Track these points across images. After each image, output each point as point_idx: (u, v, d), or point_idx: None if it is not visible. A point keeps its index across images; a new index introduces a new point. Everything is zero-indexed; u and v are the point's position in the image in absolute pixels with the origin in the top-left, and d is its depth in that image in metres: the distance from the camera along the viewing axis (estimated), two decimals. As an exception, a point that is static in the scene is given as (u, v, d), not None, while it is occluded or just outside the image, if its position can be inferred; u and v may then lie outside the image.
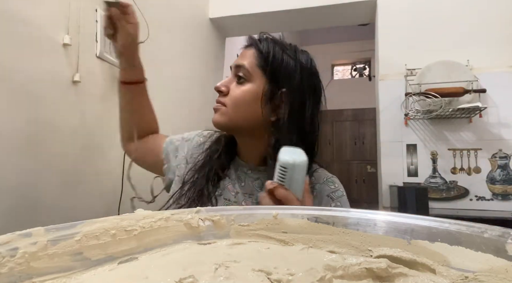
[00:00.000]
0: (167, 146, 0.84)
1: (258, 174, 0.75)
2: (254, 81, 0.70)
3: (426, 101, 1.85)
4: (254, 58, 0.71)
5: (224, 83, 0.73)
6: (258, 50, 0.71)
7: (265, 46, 0.72)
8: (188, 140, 0.84)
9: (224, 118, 0.71)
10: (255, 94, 0.69)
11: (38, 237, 0.27)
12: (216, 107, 0.72)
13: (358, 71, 5.81)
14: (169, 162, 0.82)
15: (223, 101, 0.71)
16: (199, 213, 0.36)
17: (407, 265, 0.28)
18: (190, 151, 0.82)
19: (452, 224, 0.29)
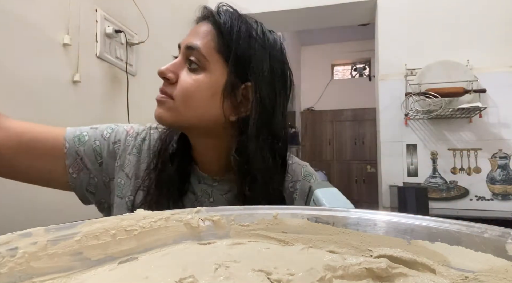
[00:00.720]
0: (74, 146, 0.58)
1: (227, 184, 0.61)
2: (211, 70, 0.55)
3: (426, 101, 1.85)
4: (213, 39, 0.55)
5: (171, 68, 0.56)
6: (217, 29, 0.55)
7: (228, 23, 0.55)
8: (117, 143, 0.61)
9: (170, 114, 0.55)
10: (213, 86, 0.55)
11: (38, 237, 0.27)
12: (160, 99, 0.56)
13: (358, 71, 5.81)
14: (85, 168, 0.59)
15: (169, 92, 0.55)
16: (199, 213, 0.36)
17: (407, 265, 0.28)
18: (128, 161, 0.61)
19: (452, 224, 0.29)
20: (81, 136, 0.59)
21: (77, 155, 0.58)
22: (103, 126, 0.63)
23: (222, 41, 0.55)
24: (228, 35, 0.55)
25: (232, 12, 0.58)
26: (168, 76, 0.56)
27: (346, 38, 5.45)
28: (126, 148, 0.62)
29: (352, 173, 5.31)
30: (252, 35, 0.56)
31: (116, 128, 0.63)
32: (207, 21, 0.57)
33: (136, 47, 1.43)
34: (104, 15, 1.26)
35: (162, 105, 0.56)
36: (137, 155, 0.62)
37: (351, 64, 5.91)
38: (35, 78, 0.99)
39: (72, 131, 0.60)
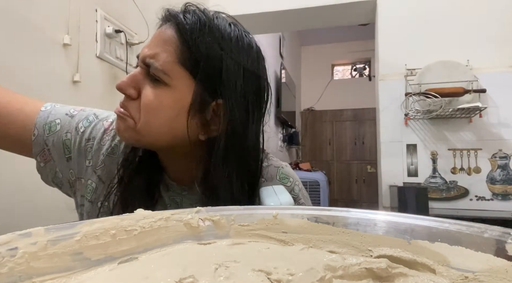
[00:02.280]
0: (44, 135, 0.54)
1: (196, 195, 0.55)
2: (175, 85, 0.48)
3: (426, 101, 1.85)
4: (175, 50, 0.47)
5: (130, 82, 0.49)
6: (181, 37, 0.47)
7: (195, 30, 0.47)
8: (90, 140, 0.56)
9: (130, 134, 0.50)
10: (178, 103, 0.48)
11: (38, 237, 0.27)
12: (119, 114, 0.50)
13: (358, 71, 5.81)
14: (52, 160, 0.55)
15: (130, 110, 0.49)
16: (199, 213, 0.36)
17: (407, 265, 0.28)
18: (101, 163, 0.56)
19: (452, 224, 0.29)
20: (52, 125, 0.53)
21: (45, 145, 0.54)
22: (81, 115, 0.57)
23: (187, 52, 0.47)
24: (194, 46, 0.47)
25: (200, 15, 0.49)
26: (128, 92, 0.49)
27: (346, 38, 5.45)
28: (100, 147, 0.55)
29: (352, 173, 5.31)
30: (224, 45, 0.48)
31: (94, 122, 0.57)
32: (170, 26, 0.49)
33: (136, 47, 1.43)
34: (104, 15, 1.26)
35: (122, 120, 0.50)
36: (112, 156, 0.56)
37: (351, 64, 5.91)
38: (35, 78, 0.99)
39: (44, 116, 0.54)
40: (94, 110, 0.60)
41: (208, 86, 0.48)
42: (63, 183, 0.57)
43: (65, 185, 0.57)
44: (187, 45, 0.47)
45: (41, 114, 0.54)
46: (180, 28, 0.47)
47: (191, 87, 0.48)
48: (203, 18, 0.48)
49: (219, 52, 0.48)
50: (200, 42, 0.47)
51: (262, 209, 0.37)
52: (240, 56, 0.49)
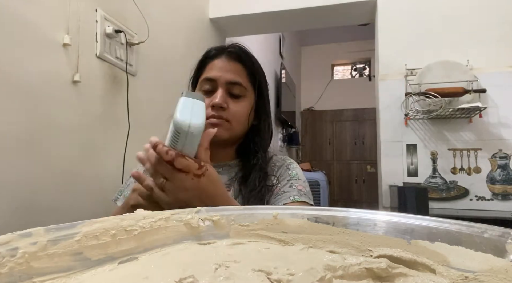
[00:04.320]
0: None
1: (229, 168, 0.82)
2: (248, 96, 0.79)
3: (426, 101, 1.85)
4: (245, 75, 0.79)
5: (223, 100, 0.76)
6: (246, 67, 0.79)
7: (249, 62, 0.80)
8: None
9: (229, 133, 0.76)
10: (249, 108, 0.80)
11: (38, 237, 0.27)
12: (218, 122, 0.75)
13: (358, 71, 5.81)
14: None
15: (225, 117, 0.75)
16: (199, 213, 0.36)
17: (407, 265, 0.28)
18: None
19: (452, 224, 0.29)
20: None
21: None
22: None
23: (250, 74, 0.80)
24: (254, 71, 0.81)
25: (248, 52, 0.82)
26: (224, 106, 0.75)
27: (346, 38, 5.45)
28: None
29: (352, 173, 5.31)
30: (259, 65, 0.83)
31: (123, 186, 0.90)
32: (237, 62, 0.79)
33: (136, 47, 1.43)
34: (104, 15, 1.26)
35: (220, 126, 0.74)
36: None
37: (351, 64, 5.91)
38: (35, 78, 0.99)
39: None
40: None
41: (259, 93, 0.83)
42: None
43: None
44: (251, 72, 0.80)
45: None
46: (245, 62, 0.80)
47: (252, 94, 0.82)
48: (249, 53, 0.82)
49: (261, 70, 0.84)
50: (255, 69, 0.82)
51: (262, 209, 0.37)
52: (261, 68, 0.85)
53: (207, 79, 0.78)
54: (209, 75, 0.78)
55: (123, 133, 1.34)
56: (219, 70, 0.78)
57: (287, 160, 0.89)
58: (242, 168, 0.81)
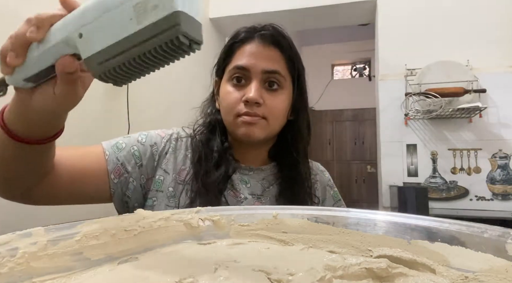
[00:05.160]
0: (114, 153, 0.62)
1: (262, 174, 0.71)
2: (286, 88, 0.67)
3: (426, 101, 1.85)
4: (283, 62, 0.66)
5: (259, 94, 0.63)
6: (284, 52, 0.66)
7: (287, 46, 0.67)
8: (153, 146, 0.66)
9: (265, 133, 0.65)
10: (288, 101, 0.67)
11: (38, 237, 0.27)
12: (253, 121, 0.63)
13: (358, 71, 5.81)
14: (126, 172, 0.62)
15: (260, 114, 0.63)
16: (199, 213, 0.36)
17: (407, 265, 0.28)
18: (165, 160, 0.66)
19: (452, 224, 0.29)
20: (118, 144, 0.64)
21: (117, 160, 0.62)
22: (134, 135, 0.68)
23: (290, 62, 0.67)
24: (293, 57, 0.67)
25: (285, 34, 0.68)
26: (259, 101, 0.63)
27: (346, 38, 5.45)
28: (163, 149, 0.67)
29: (352, 173, 5.31)
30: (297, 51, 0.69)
31: (148, 133, 0.69)
32: (273, 46, 0.66)
33: (136, 47, 1.43)
34: (104, 15, 1.26)
35: (253, 125, 0.63)
36: (173, 153, 0.68)
37: (351, 64, 5.90)
38: (35, 78, 0.99)
39: (108, 143, 0.64)
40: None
41: (298, 83, 0.69)
42: (135, 191, 0.63)
43: (136, 191, 0.63)
44: (289, 58, 0.66)
45: (104, 143, 0.64)
46: (283, 47, 0.66)
47: (290, 85, 0.68)
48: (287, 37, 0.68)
49: (299, 57, 0.70)
50: (294, 54, 0.68)
51: (262, 209, 0.37)
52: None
53: (238, 68, 0.64)
54: (241, 63, 0.64)
55: (123, 133, 1.34)
56: (253, 56, 0.64)
57: (325, 174, 0.78)
58: (280, 177, 0.70)
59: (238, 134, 0.64)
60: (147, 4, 0.27)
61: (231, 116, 0.64)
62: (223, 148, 0.67)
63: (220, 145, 0.67)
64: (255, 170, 0.70)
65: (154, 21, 0.27)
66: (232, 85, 0.65)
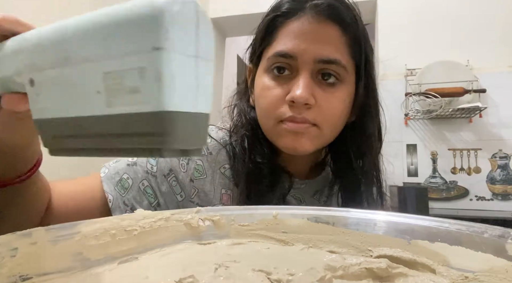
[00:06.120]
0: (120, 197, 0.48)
1: (315, 186, 0.57)
2: (347, 81, 0.48)
3: (426, 101, 1.85)
4: (346, 45, 0.47)
5: (309, 92, 0.45)
6: (347, 31, 0.47)
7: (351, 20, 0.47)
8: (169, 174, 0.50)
9: (316, 144, 0.48)
10: (349, 99, 0.49)
11: (38, 237, 0.27)
12: (300, 129, 0.46)
13: (358, 71, 5.81)
14: None
15: (311, 119, 0.46)
16: (199, 213, 0.36)
17: (407, 265, 0.28)
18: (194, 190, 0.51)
19: (452, 224, 0.29)
20: (123, 182, 0.48)
21: (126, 206, 0.47)
22: (141, 161, 0.50)
23: (354, 44, 0.48)
24: (359, 37, 0.48)
25: (349, 3, 0.49)
26: (310, 102, 0.45)
27: (346, 38, 5.44)
28: (184, 176, 0.50)
29: (352, 173, 5.31)
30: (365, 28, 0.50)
31: None
32: (332, 22, 0.46)
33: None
34: (104, 15, 1.26)
35: (300, 135, 0.47)
36: (201, 178, 0.51)
37: (351, 64, 5.90)
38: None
39: (109, 178, 0.48)
40: None
41: (361, 74, 0.50)
42: None
43: None
44: (354, 38, 0.48)
45: (103, 177, 0.48)
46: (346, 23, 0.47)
47: (353, 77, 0.49)
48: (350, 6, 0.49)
49: (368, 38, 0.51)
50: (360, 32, 0.49)
51: (262, 209, 0.37)
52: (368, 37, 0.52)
53: (280, 54, 0.46)
54: (285, 48, 0.46)
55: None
56: (302, 38, 0.46)
57: None
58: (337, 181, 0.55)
59: (279, 146, 0.49)
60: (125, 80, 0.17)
61: (271, 121, 0.48)
62: (272, 159, 0.52)
63: (270, 156, 0.51)
64: (307, 183, 0.56)
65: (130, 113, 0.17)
66: (272, 78, 0.48)
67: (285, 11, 0.48)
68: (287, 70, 0.47)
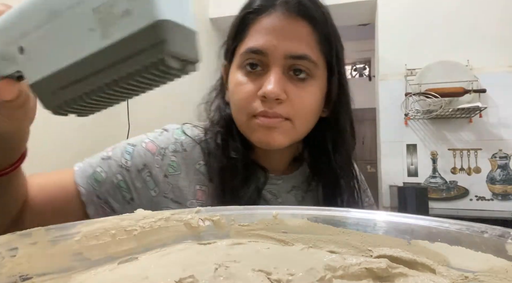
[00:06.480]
0: (93, 190, 0.48)
1: (292, 182, 0.57)
2: (317, 76, 0.49)
3: (426, 101, 1.85)
4: (316, 41, 0.48)
5: (281, 87, 0.46)
6: (317, 27, 0.48)
7: (320, 17, 0.49)
8: (144, 169, 0.50)
9: (289, 138, 0.49)
10: (321, 92, 0.51)
11: (38, 237, 0.27)
12: (272, 124, 0.47)
13: (358, 71, 5.81)
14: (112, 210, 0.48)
15: (283, 113, 0.47)
16: (199, 213, 0.36)
17: (407, 265, 0.28)
18: (168, 185, 0.51)
19: (452, 224, 0.29)
20: (96, 175, 0.48)
21: (98, 199, 0.47)
22: (116, 152, 0.51)
23: (325, 41, 0.49)
24: (329, 33, 0.50)
25: (319, 3, 0.50)
26: (282, 97, 0.46)
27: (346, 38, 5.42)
28: (158, 172, 0.50)
29: (352, 173, 5.31)
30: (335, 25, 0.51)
31: (134, 150, 0.51)
32: (302, 18, 0.47)
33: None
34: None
35: (273, 129, 0.47)
36: (176, 174, 0.51)
37: (351, 64, 5.90)
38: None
39: (82, 171, 0.49)
40: (123, 142, 0.53)
41: (332, 67, 0.51)
42: None
43: None
44: (324, 34, 0.49)
45: (76, 171, 0.48)
46: (315, 20, 0.48)
47: (324, 72, 0.51)
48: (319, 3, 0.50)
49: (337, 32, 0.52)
50: (330, 29, 0.50)
51: (262, 209, 0.37)
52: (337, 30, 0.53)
53: (252, 51, 0.48)
54: (256, 45, 0.47)
55: (123, 133, 1.34)
56: (273, 35, 0.47)
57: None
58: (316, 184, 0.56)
59: (253, 140, 0.50)
60: (115, 7, 0.18)
61: (244, 116, 0.49)
62: (247, 154, 0.52)
63: (244, 151, 0.52)
64: (283, 179, 0.56)
65: (127, 35, 0.18)
66: (244, 74, 0.49)
67: (256, 7, 0.49)
68: (259, 66, 0.48)
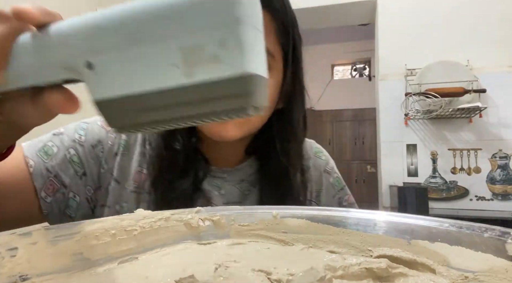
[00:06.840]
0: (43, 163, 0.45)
1: (239, 174, 0.55)
2: (274, 68, 0.48)
3: (426, 101, 1.85)
4: (273, 31, 0.46)
5: None
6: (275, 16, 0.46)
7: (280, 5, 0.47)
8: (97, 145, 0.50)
9: (242, 130, 0.48)
10: (277, 84, 0.49)
11: (38, 237, 0.27)
12: None
13: (358, 71, 5.81)
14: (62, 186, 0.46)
15: None
16: (199, 213, 0.36)
17: (407, 265, 0.28)
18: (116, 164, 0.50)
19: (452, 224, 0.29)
20: (46, 149, 0.46)
21: (48, 173, 0.45)
22: (69, 128, 0.50)
23: (282, 31, 0.47)
24: (287, 23, 0.48)
25: None
26: None
27: (346, 38, 5.45)
28: (111, 148, 0.50)
29: (352, 173, 5.31)
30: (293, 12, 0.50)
31: (88, 126, 0.50)
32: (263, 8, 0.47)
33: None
34: (104, 15, 1.26)
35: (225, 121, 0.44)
36: (124, 154, 0.51)
37: (351, 64, 5.90)
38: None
39: (31, 145, 0.46)
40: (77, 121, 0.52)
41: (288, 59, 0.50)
42: (78, 209, 0.49)
43: (81, 207, 0.49)
44: (282, 24, 0.47)
45: (25, 146, 0.46)
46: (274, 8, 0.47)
47: (281, 63, 0.49)
48: None
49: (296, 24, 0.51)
50: (289, 17, 0.49)
51: (262, 209, 0.37)
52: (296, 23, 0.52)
53: None
54: None
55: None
56: None
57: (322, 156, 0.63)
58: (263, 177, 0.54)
59: (205, 131, 0.48)
60: (203, 50, 0.19)
61: None
62: (191, 145, 0.51)
63: (187, 141, 0.50)
64: (229, 172, 0.55)
65: (213, 79, 0.19)
66: None
67: None
68: None
